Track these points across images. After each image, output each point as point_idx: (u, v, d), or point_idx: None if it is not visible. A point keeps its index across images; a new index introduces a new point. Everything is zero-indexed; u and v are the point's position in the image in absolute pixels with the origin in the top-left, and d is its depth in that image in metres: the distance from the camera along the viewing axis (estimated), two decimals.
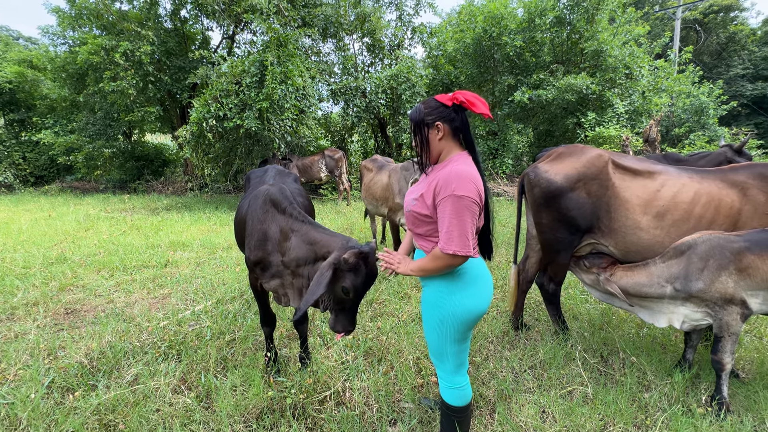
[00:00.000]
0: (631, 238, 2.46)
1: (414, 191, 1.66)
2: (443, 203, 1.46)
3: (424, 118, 1.58)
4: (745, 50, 21.75)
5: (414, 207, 1.59)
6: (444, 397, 1.75)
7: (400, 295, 3.82)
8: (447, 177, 1.47)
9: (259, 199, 2.32)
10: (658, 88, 10.93)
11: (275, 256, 2.19)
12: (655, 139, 7.23)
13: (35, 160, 14.31)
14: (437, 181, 1.50)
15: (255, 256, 2.23)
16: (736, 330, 2.12)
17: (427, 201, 1.54)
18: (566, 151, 2.70)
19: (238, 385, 2.42)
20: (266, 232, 2.21)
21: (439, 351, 1.69)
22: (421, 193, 1.58)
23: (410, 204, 1.61)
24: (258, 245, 2.22)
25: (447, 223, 1.45)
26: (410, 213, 1.61)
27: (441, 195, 1.47)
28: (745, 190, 2.34)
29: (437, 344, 1.68)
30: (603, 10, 10.23)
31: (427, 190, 1.55)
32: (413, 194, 1.64)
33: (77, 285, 4.25)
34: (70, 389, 2.40)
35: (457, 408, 1.73)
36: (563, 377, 2.47)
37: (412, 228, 1.66)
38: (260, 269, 2.27)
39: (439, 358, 1.71)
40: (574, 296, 3.64)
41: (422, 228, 1.60)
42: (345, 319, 1.91)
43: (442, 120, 1.56)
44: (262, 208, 2.27)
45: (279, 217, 2.21)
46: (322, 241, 2.01)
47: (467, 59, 11.42)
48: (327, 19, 10.95)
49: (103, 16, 11.10)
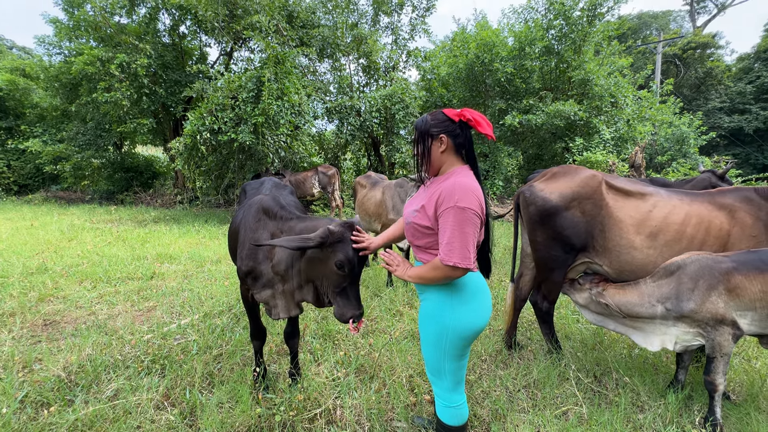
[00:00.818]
0: (626, 257, 2.50)
1: (413, 203, 1.64)
2: (445, 214, 1.45)
3: (430, 129, 1.58)
4: (722, 84, 22.87)
5: (414, 218, 1.56)
6: (440, 417, 1.70)
7: (392, 312, 3.77)
8: (450, 188, 1.46)
9: (252, 208, 2.30)
10: (642, 116, 11.36)
11: (266, 265, 2.15)
12: (641, 164, 7.45)
13: (20, 168, 14.03)
14: (439, 192, 1.49)
15: (246, 266, 2.19)
16: (728, 350, 2.14)
17: (429, 212, 1.52)
18: (561, 171, 2.76)
19: (225, 401, 2.33)
20: (258, 241, 2.18)
21: (436, 368, 1.64)
22: (422, 204, 1.56)
23: (411, 215, 1.59)
24: (249, 255, 2.19)
25: (449, 235, 1.43)
26: (411, 225, 1.58)
27: (444, 206, 1.46)
28: (733, 213, 2.41)
29: (435, 360, 1.63)
30: (589, 42, 10.71)
31: (428, 201, 1.53)
32: (413, 206, 1.63)
33: (57, 296, 4.10)
34: (45, 404, 2.27)
35: (453, 428, 1.68)
36: (557, 397, 2.44)
37: (411, 240, 1.63)
38: (251, 279, 2.22)
39: (436, 375, 1.66)
40: (565, 316, 3.65)
41: (422, 240, 1.58)
42: (350, 302, 1.83)
43: (446, 134, 1.57)
44: (255, 217, 2.24)
45: (270, 223, 2.19)
46: (306, 227, 1.99)
47: (460, 83, 11.76)
48: (324, 39, 11.20)
49: (102, 29, 11.17)
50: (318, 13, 11.83)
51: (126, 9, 11.17)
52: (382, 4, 12.18)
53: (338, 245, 1.78)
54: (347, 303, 1.83)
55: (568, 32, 10.53)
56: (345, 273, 1.79)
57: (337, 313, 1.85)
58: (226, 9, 10.14)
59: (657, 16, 28.61)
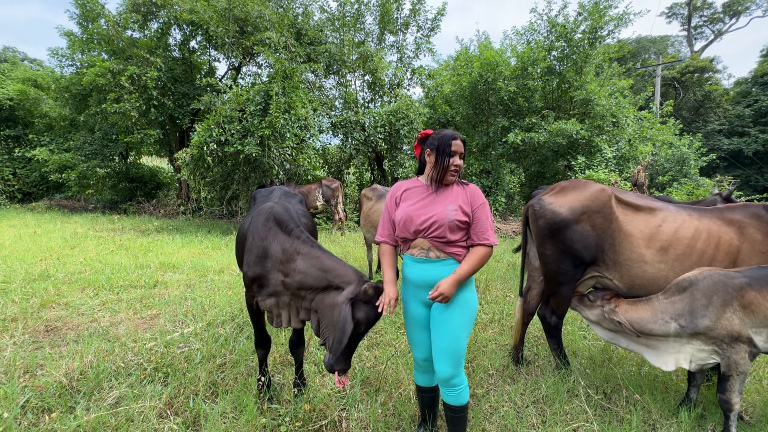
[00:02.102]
0: (636, 271, 2.49)
1: (439, 206, 1.86)
2: (482, 208, 1.87)
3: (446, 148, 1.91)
4: (720, 107, 23.20)
5: (456, 216, 1.82)
6: (464, 400, 1.87)
7: (397, 325, 3.73)
8: (474, 190, 1.91)
9: (262, 216, 2.30)
10: (643, 136, 11.48)
11: (274, 275, 2.14)
12: (644, 183, 7.49)
13: (25, 176, 14.12)
14: (467, 194, 1.89)
15: (253, 272, 2.19)
16: (744, 369, 2.10)
17: (467, 209, 1.84)
18: (570, 185, 2.78)
19: (229, 411, 2.28)
20: (267, 249, 2.17)
21: (460, 354, 1.83)
22: (457, 204, 1.85)
23: (451, 214, 1.82)
24: (257, 261, 2.18)
25: (489, 222, 1.87)
26: (452, 222, 1.82)
27: (478, 202, 1.87)
28: (742, 229, 2.42)
29: (461, 347, 1.83)
30: (590, 63, 10.92)
31: (463, 202, 1.86)
32: (443, 209, 1.84)
33: (60, 302, 4.07)
34: (46, 410, 2.23)
35: (467, 404, 1.91)
36: (567, 413, 2.39)
37: (448, 236, 1.83)
38: (257, 286, 2.21)
39: (458, 362, 1.84)
40: (572, 332, 3.60)
41: (457, 234, 1.84)
42: (343, 356, 1.86)
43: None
44: (265, 225, 2.24)
45: (282, 236, 2.18)
46: (336, 270, 1.99)
47: (463, 101, 11.93)
48: (331, 56, 11.43)
49: (114, 42, 11.43)
50: (325, 30, 12.11)
51: (139, 23, 11.45)
52: (388, 24, 12.49)
53: (364, 305, 1.86)
54: (341, 356, 1.86)
55: (569, 54, 10.74)
56: (360, 331, 1.87)
57: (326, 361, 1.89)
58: (237, 26, 10.39)
59: (655, 40, 29.25)
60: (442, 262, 1.85)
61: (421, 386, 2.07)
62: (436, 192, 1.89)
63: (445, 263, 1.85)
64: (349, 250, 7.16)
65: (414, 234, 1.86)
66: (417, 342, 1.96)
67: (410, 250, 1.91)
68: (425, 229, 1.83)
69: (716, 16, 27.89)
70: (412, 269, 1.90)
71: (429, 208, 1.85)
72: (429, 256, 1.85)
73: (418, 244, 1.87)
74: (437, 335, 1.84)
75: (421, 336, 1.94)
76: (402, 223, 1.88)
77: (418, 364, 2.01)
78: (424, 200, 1.88)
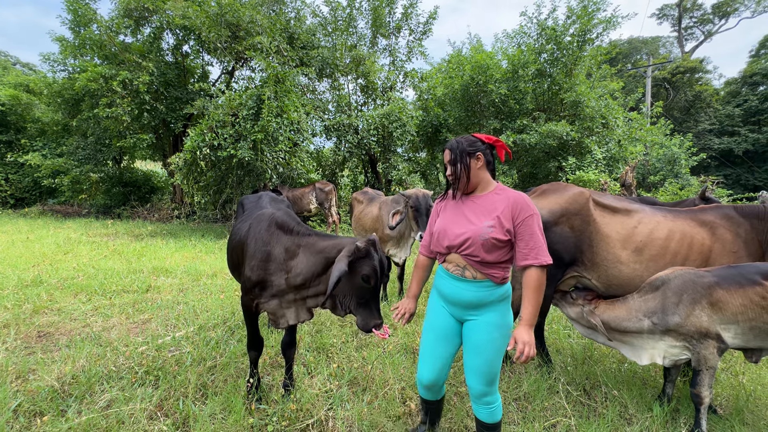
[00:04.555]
0: (613, 271, 2.58)
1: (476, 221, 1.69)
2: (528, 221, 1.62)
3: (467, 148, 1.76)
4: (711, 107, 23.51)
5: (492, 234, 1.63)
6: (497, 417, 1.77)
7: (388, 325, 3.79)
8: (521, 200, 1.66)
9: (264, 222, 2.37)
10: (632, 137, 11.64)
11: (278, 276, 2.21)
12: (631, 183, 7.62)
13: (18, 181, 14.06)
14: (508, 205, 1.66)
15: (256, 276, 2.25)
16: (713, 364, 2.19)
17: (506, 225, 1.63)
18: (550, 188, 2.87)
19: (218, 412, 2.34)
20: (270, 253, 2.24)
21: (495, 373, 1.72)
22: (497, 219, 1.64)
23: (487, 232, 1.63)
24: (260, 265, 2.24)
25: (538, 238, 1.61)
26: (487, 240, 1.63)
27: (523, 215, 1.62)
28: (714, 230, 2.51)
29: (496, 366, 1.72)
30: (580, 65, 11.07)
31: (502, 214, 1.65)
32: (478, 225, 1.67)
33: (52, 308, 4.10)
34: (38, 413, 2.28)
35: (500, 421, 1.80)
36: (547, 409, 2.47)
37: (484, 256, 1.65)
38: (260, 289, 2.28)
39: (493, 381, 1.73)
40: (557, 331, 3.69)
41: (494, 254, 1.65)
42: (372, 313, 1.98)
43: (482, 152, 1.77)
44: (268, 231, 2.31)
45: (284, 238, 2.27)
46: (330, 245, 2.09)
47: (455, 103, 12.04)
48: (324, 60, 11.51)
49: (106, 47, 11.44)
50: (318, 35, 12.20)
51: (131, 28, 11.47)
52: (381, 28, 12.59)
53: (365, 260, 1.92)
54: (369, 314, 1.98)
55: (559, 56, 10.88)
56: (370, 286, 1.94)
57: (360, 323, 1.99)
58: (229, 30, 10.45)
59: (646, 41, 29.61)
60: (479, 284, 1.69)
61: (426, 399, 1.97)
62: (473, 202, 1.75)
63: (481, 285, 1.69)
64: None
65: (447, 249, 1.74)
66: (434, 355, 1.81)
67: (446, 264, 1.78)
68: (458, 245, 1.69)
69: (706, 18, 28.30)
70: (447, 284, 1.77)
71: (463, 223, 1.71)
72: (465, 275, 1.71)
73: (453, 259, 1.74)
74: (472, 354, 1.72)
75: (441, 349, 1.80)
76: (436, 236, 1.78)
77: (423, 386, 1.88)
78: (460, 213, 1.75)
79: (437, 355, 1.81)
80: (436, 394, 1.93)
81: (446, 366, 1.84)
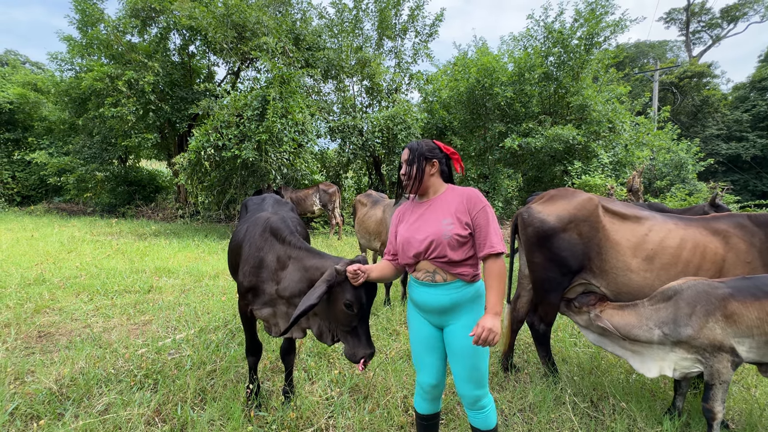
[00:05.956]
0: (623, 279, 2.51)
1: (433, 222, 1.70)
2: (482, 213, 1.67)
3: (425, 152, 1.78)
4: (719, 112, 23.28)
5: (453, 230, 1.65)
6: (492, 423, 1.74)
7: (389, 332, 3.74)
8: (470, 195, 1.71)
9: (259, 226, 2.31)
10: (639, 142, 11.53)
11: (269, 285, 2.16)
12: (638, 189, 7.52)
13: (24, 179, 14.18)
14: (461, 201, 1.71)
15: (249, 282, 2.21)
16: (726, 378, 2.12)
17: (464, 219, 1.67)
18: (558, 194, 2.81)
19: (217, 418, 2.30)
20: (263, 260, 2.19)
21: (484, 374, 1.71)
22: (452, 217, 1.68)
23: (448, 230, 1.65)
24: (252, 272, 2.20)
25: (493, 227, 1.65)
26: (451, 238, 1.65)
27: (476, 208, 1.68)
28: (727, 239, 2.44)
29: (485, 367, 1.71)
30: (587, 69, 10.98)
31: (457, 210, 1.69)
32: (437, 225, 1.68)
33: (54, 308, 4.09)
34: (35, 417, 2.25)
35: (496, 427, 1.77)
36: (553, 421, 2.41)
37: (450, 256, 1.65)
38: (252, 296, 2.24)
39: (483, 383, 1.72)
40: (563, 339, 3.62)
41: (459, 251, 1.66)
42: (360, 342, 1.79)
43: (438, 159, 1.79)
44: (261, 236, 2.26)
45: (277, 246, 2.19)
46: (314, 265, 1.99)
47: (461, 106, 11.99)
48: (329, 61, 11.51)
49: (113, 47, 11.51)
50: (324, 36, 12.20)
51: (138, 28, 11.54)
52: (386, 30, 12.58)
53: (346, 284, 1.76)
54: (358, 343, 1.79)
55: (566, 59, 10.81)
56: (354, 312, 1.78)
57: (347, 353, 1.81)
58: (235, 31, 10.47)
59: (654, 45, 29.41)
60: (450, 286, 1.69)
61: (421, 414, 1.87)
62: (429, 205, 1.76)
63: (452, 287, 1.69)
64: (345, 255, 7.18)
65: (414, 258, 1.72)
66: (426, 365, 1.80)
67: (415, 273, 1.76)
68: (424, 251, 1.68)
69: (714, 22, 28.07)
70: (419, 292, 1.76)
71: (423, 227, 1.71)
72: (435, 280, 1.71)
73: (422, 267, 1.73)
74: (457, 360, 1.70)
75: (430, 359, 1.79)
76: (401, 248, 1.76)
77: (424, 390, 1.82)
78: (418, 219, 1.75)
79: (429, 364, 1.81)
80: (436, 401, 1.87)
81: (442, 370, 1.84)
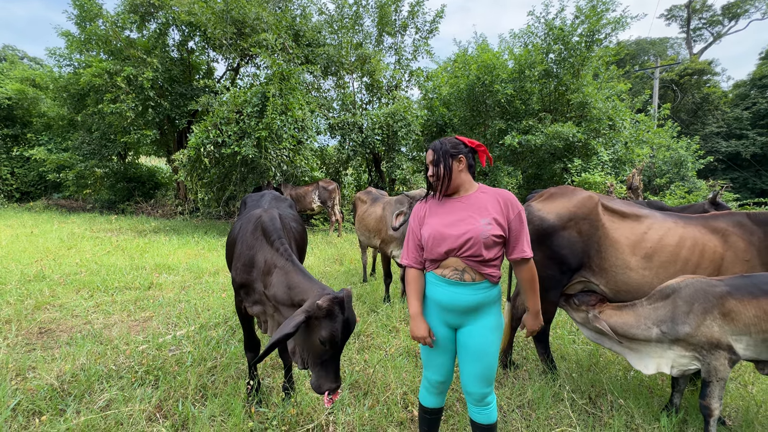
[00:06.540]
0: (622, 277, 2.52)
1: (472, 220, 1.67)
2: (518, 218, 1.68)
3: (450, 150, 1.75)
4: (719, 110, 23.25)
5: (492, 231, 1.64)
6: (494, 418, 1.76)
7: (389, 328, 3.76)
8: (507, 197, 1.71)
9: (251, 223, 2.32)
10: (639, 139, 11.52)
11: (258, 285, 2.16)
12: (638, 186, 7.52)
13: (24, 175, 14.16)
14: (498, 203, 1.70)
15: (240, 279, 2.23)
16: (723, 375, 2.14)
17: (502, 222, 1.67)
18: (558, 192, 2.81)
19: (217, 414, 2.31)
20: (253, 259, 2.20)
21: (494, 372, 1.74)
22: (492, 217, 1.67)
23: (487, 230, 1.63)
24: (244, 269, 2.21)
25: (525, 231, 1.69)
26: (489, 238, 1.63)
27: (514, 211, 1.69)
28: (726, 237, 2.45)
29: (495, 366, 1.73)
30: (588, 66, 10.95)
31: (495, 211, 1.68)
32: (476, 224, 1.65)
33: (54, 304, 4.10)
34: (37, 413, 2.26)
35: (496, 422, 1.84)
36: (551, 418, 2.42)
37: (485, 255, 1.64)
38: (244, 293, 2.26)
39: (493, 381, 1.75)
40: (562, 336, 3.64)
41: (492, 251, 1.66)
42: (327, 375, 1.76)
43: (464, 155, 1.76)
44: (253, 234, 2.26)
45: (266, 247, 2.18)
46: (299, 286, 1.92)
47: (461, 103, 11.95)
48: (329, 58, 11.46)
49: (112, 42, 11.45)
50: (324, 32, 12.14)
51: (137, 24, 11.47)
52: (387, 26, 12.51)
53: (324, 321, 1.70)
54: (325, 375, 1.76)
55: (566, 57, 10.76)
56: (326, 348, 1.73)
57: (313, 384, 1.78)
58: (234, 27, 10.42)
59: (654, 42, 29.32)
60: (478, 286, 1.67)
61: (427, 407, 1.87)
62: (461, 203, 1.73)
63: (480, 287, 1.67)
64: (345, 252, 7.19)
65: (445, 254, 1.68)
66: (437, 365, 1.79)
67: (440, 270, 1.71)
68: (459, 247, 1.64)
69: (715, 19, 27.98)
70: (443, 291, 1.70)
71: (459, 224, 1.67)
72: (464, 279, 1.67)
73: (450, 264, 1.68)
74: (472, 361, 1.70)
75: (443, 359, 1.78)
76: (432, 241, 1.69)
77: (432, 386, 1.83)
78: (451, 214, 1.71)
79: (440, 364, 1.80)
80: (442, 396, 1.89)
81: (451, 369, 1.85)
